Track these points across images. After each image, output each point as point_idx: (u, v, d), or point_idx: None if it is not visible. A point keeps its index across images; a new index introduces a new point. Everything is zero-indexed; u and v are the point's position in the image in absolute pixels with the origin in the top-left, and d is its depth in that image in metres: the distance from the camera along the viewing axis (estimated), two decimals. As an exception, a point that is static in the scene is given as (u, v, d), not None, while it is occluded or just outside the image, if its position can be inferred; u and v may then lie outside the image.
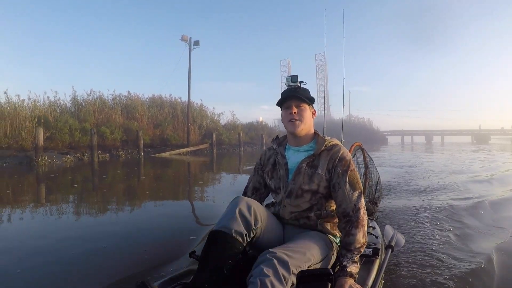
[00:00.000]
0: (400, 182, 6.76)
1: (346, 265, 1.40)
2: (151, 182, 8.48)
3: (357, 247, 1.45)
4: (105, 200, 5.78)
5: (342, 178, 1.54)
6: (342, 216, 1.52)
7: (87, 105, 18.51)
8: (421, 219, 3.76)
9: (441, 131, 64.28)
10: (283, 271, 1.27)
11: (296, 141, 1.67)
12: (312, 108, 1.69)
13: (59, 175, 9.87)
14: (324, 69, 45.77)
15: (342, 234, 1.51)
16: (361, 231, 1.48)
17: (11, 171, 10.45)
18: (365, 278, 1.56)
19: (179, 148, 20.07)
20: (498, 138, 56.99)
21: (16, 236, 3.58)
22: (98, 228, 3.88)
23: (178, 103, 24.02)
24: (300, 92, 1.64)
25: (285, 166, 1.65)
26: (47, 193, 6.75)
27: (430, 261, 2.49)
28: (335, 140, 1.67)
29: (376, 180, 3.40)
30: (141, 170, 11.26)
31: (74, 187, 7.58)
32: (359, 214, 1.49)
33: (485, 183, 6.86)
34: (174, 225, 3.93)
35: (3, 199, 5.85)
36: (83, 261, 2.71)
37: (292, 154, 1.67)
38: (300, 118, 1.61)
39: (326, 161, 1.58)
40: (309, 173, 1.58)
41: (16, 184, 7.92)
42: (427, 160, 14.18)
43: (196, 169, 12.29)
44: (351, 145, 2.93)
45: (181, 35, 22.30)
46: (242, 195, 1.78)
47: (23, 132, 13.91)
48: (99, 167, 11.89)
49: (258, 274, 1.25)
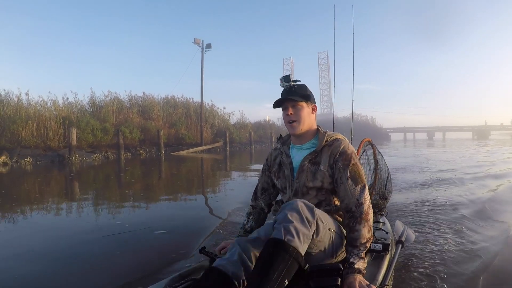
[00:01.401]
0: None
1: (353, 262, 1.37)
2: (186, 174, 9.13)
3: (362, 242, 1.41)
4: (164, 190, 6.42)
5: (343, 173, 1.52)
6: (345, 212, 1.51)
7: (106, 105, 19.11)
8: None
9: (442, 128, 65.07)
10: (308, 214, 1.30)
11: (298, 139, 1.67)
12: (311, 104, 1.65)
13: (98, 171, 10.53)
14: (330, 67, 45.98)
15: (347, 230, 1.47)
16: (366, 226, 1.43)
17: (51, 168, 11.05)
18: (375, 273, 1.54)
19: (193, 146, 20.70)
20: (498, 134, 57.71)
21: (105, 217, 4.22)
22: (172, 211, 4.57)
23: (191, 103, 24.71)
24: (296, 90, 1.61)
25: (290, 165, 1.65)
26: (110, 185, 7.40)
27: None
28: (337, 135, 1.65)
29: (386, 176, 3.43)
30: (171, 166, 11.92)
31: (126, 180, 8.23)
32: (363, 209, 1.45)
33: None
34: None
35: (68, 191, 6.48)
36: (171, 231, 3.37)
37: (296, 152, 1.67)
38: (297, 119, 1.60)
39: (327, 156, 1.56)
40: (312, 170, 1.57)
41: (68, 179, 8.55)
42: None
43: (219, 165, 12.96)
44: (361, 141, 3.00)
45: (194, 39, 22.95)
46: (252, 195, 1.86)
47: (50, 132, 14.54)
48: (127, 164, 12.51)
49: (282, 219, 1.28)
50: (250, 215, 1.81)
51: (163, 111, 22.00)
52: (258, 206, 1.82)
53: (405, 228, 2.40)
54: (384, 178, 3.19)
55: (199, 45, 23.17)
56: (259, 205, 1.82)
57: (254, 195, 1.84)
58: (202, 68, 23.12)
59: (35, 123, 14.58)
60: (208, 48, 23.31)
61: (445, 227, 3.22)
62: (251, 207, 1.84)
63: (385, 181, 3.19)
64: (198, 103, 23.80)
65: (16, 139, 14.05)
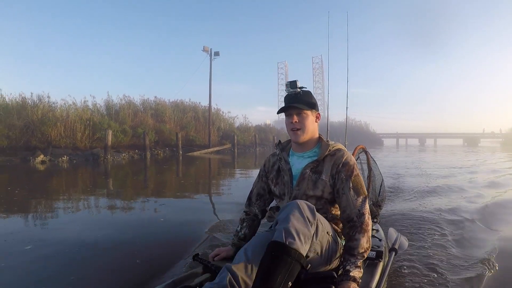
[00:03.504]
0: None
1: (349, 270, 1.39)
2: (210, 169, 10.54)
3: (360, 252, 1.43)
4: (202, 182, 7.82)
5: (346, 184, 1.53)
6: (346, 222, 1.51)
7: (122, 109, 20.43)
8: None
9: (434, 134, 66.85)
10: (309, 214, 1.31)
11: (300, 147, 1.67)
12: (316, 112, 1.66)
13: (135, 168, 11.91)
14: (325, 72, 46.90)
15: (346, 239, 1.49)
16: (365, 236, 1.46)
17: (90, 166, 12.26)
18: (368, 281, 1.55)
19: (201, 148, 22.07)
20: (488, 141, 59.30)
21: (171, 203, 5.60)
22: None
23: (198, 107, 26.17)
24: (302, 98, 1.61)
25: (289, 172, 1.64)
26: (168, 178, 8.76)
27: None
28: (339, 145, 1.66)
29: (380, 183, 3.45)
30: (198, 165, 13.33)
31: (177, 174, 9.61)
32: (364, 219, 1.48)
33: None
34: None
35: (126, 185, 7.83)
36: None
37: (296, 160, 1.67)
38: (302, 127, 1.60)
39: (330, 166, 1.57)
40: (313, 178, 1.57)
41: (121, 174, 9.88)
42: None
43: (233, 163, 14.42)
44: (355, 147, 3.03)
45: (203, 46, 24.40)
46: (246, 201, 1.84)
47: (78, 133, 15.82)
48: (153, 163, 13.88)
49: (283, 220, 1.29)
50: (244, 222, 1.82)
51: (174, 114, 23.39)
52: (252, 212, 1.82)
53: (398, 235, 2.42)
54: (377, 185, 3.24)
55: (207, 52, 24.59)
56: (253, 211, 1.82)
57: (249, 201, 1.84)
58: (211, 75, 24.55)
59: (63, 125, 15.83)
60: (216, 55, 24.77)
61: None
62: (245, 213, 1.84)
63: (378, 188, 3.25)
64: (204, 107, 25.37)
65: (46, 140, 15.26)
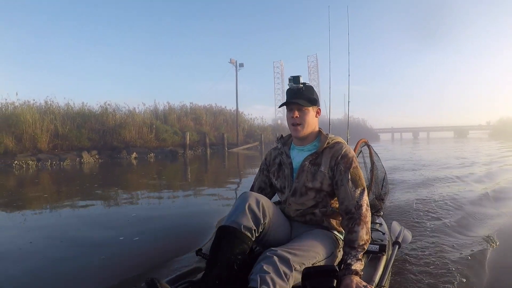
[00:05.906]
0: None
1: (350, 263, 1.41)
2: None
3: (360, 244, 1.45)
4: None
5: (344, 175, 1.55)
6: (344, 213, 1.54)
7: (169, 114, 24.68)
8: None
9: (426, 128, 71.00)
10: (284, 267, 1.30)
11: (300, 141, 1.70)
12: (317, 107, 1.69)
13: (211, 160, 16.07)
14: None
15: (345, 231, 1.52)
16: (364, 228, 1.48)
17: (173, 160, 16.31)
18: (372, 274, 1.56)
19: (232, 146, 26.35)
20: (477, 133, 63.51)
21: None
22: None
23: (226, 111, 30.67)
24: (304, 93, 1.64)
25: (290, 165, 1.68)
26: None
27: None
28: (338, 138, 1.69)
29: (383, 177, 3.40)
30: (248, 158, 17.60)
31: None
32: (362, 211, 1.50)
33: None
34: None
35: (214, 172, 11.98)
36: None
37: (297, 153, 1.70)
38: (302, 122, 1.63)
39: (328, 158, 1.60)
40: (312, 170, 1.61)
41: (206, 166, 14.10)
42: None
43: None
44: (357, 141, 2.98)
45: (230, 59, 28.79)
46: None
47: (149, 135, 20.01)
48: (212, 158, 18.12)
49: (258, 271, 1.28)
50: None
51: (208, 117, 27.71)
52: None
53: (401, 229, 2.44)
54: (380, 179, 3.31)
55: (233, 64, 28.94)
56: None
57: None
58: (237, 84, 28.94)
59: (135, 128, 19.98)
60: (240, 67, 29.10)
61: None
62: None
63: (381, 182, 3.33)
64: (230, 111, 30.12)
65: (122, 140, 19.38)
